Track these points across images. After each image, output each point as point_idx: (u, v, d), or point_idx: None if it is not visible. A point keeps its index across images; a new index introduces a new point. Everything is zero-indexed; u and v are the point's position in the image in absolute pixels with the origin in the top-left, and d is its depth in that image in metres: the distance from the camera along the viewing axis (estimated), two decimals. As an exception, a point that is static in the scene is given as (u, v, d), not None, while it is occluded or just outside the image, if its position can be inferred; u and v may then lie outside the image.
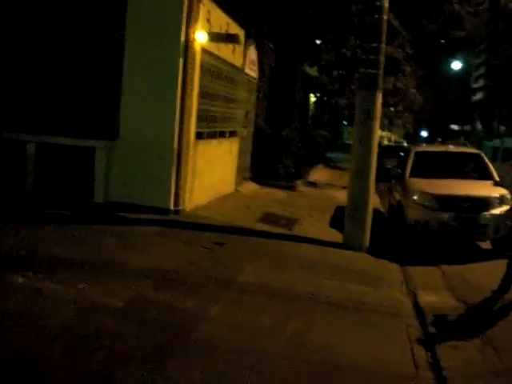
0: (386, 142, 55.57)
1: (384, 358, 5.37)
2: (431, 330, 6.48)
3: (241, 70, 14.14)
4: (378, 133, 10.65)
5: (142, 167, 10.14)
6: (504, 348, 6.01)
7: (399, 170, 12.84)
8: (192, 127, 10.49)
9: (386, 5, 10.01)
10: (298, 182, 18.22)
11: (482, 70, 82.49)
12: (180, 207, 10.31)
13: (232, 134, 13.83)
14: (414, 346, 5.80)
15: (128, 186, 10.19)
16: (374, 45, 9.94)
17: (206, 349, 4.99)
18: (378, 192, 16.40)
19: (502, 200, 10.76)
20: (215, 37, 10.88)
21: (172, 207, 10.19)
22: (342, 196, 14.78)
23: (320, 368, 4.96)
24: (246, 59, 14.54)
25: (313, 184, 19.93)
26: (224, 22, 11.91)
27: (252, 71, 15.53)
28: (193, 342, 5.08)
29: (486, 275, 8.72)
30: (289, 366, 4.88)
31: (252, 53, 15.36)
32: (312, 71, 25.96)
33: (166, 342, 4.98)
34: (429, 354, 5.70)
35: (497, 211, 10.62)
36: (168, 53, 9.91)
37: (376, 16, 9.93)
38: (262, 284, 7.22)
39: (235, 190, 14.46)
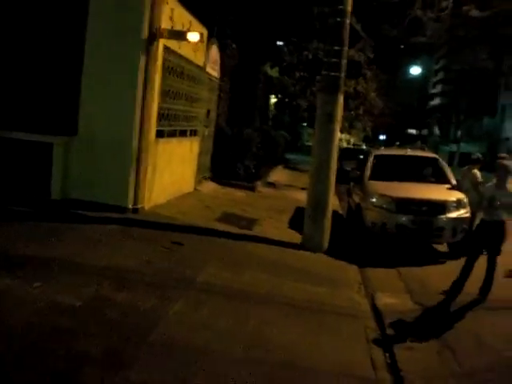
0: (345, 145, 56.09)
1: (343, 359, 5.40)
2: (389, 331, 6.54)
3: (202, 69, 14.06)
4: (338, 135, 10.71)
5: (101, 164, 9.96)
6: (461, 350, 6.12)
7: (358, 173, 12.94)
8: (152, 125, 10.37)
9: (349, 8, 10.07)
10: (258, 183, 18.21)
11: (440, 76, 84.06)
12: (139, 205, 10.18)
13: (193, 133, 13.74)
14: (372, 347, 5.85)
15: (86, 183, 10.00)
16: (337, 48, 9.99)
17: (165, 349, 4.93)
18: (338, 194, 16.52)
19: (458, 204, 10.92)
20: (178, 35, 10.78)
21: (131, 205, 10.04)
22: (301, 197, 14.81)
23: (279, 370, 4.95)
24: (208, 58, 14.46)
25: (272, 185, 19.95)
26: (187, 21, 11.82)
27: (214, 71, 15.46)
28: (151, 343, 5.01)
29: (442, 278, 8.82)
30: (247, 368, 4.86)
31: (214, 52, 15.29)
32: (273, 72, 26.00)
33: (124, 342, 4.90)
34: (387, 355, 5.76)
35: (454, 215, 10.79)
36: (129, 50, 9.76)
37: (338, 19, 9.98)
38: (222, 284, 7.18)
39: (195, 189, 14.37)
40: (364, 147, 42.43)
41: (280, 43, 23.58)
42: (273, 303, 6.79)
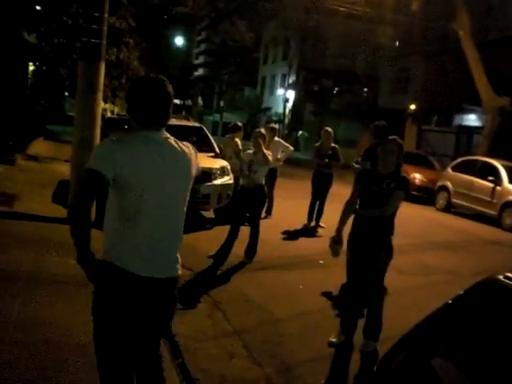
0: (109, 115, 55.02)
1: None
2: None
3: None
4: (101, 105, 10.47)
5: None
6: (230, 310, 6.41)
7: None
8: None
9: (110, -26, 9.81)
10: (18, 156, 17.15)
11: (203, 47, 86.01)
12: None
13: None
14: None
15: None
16: (97, 14, 9.68)
17: None
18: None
19: (222, 171, 11.34)
20: None
21: None
22: (65, 169, 14.26)
23: (44, 348, 4.74)
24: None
25: (34, 158, 18.94)
26: None
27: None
28: None
29: (210, 243, 9.13)
30: (17, 348, 4.60)
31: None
32: (31, 38, 24.45)
33: None
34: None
35: (218, 182, 11.19)
36: None
37: (99, -16, 9.68)
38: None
39: None
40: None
41: (39, 8, 22.17)
42: (38, 280, 6.48)
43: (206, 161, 11.63)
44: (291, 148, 12.90)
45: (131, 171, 2.95)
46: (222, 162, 11.58)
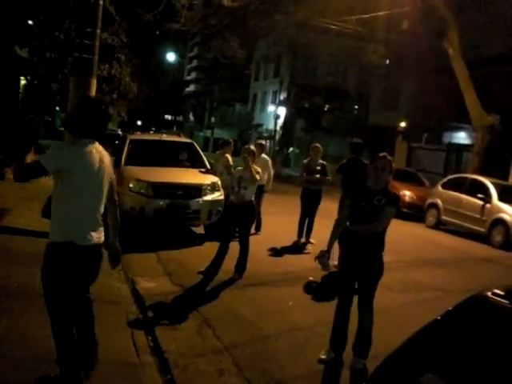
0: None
1: (106, 346, 5.28)
2: (150, 314, 6.59)
3: None
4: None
5: None
6: (220, 326, 6.39)
7: (114, 158, 12.78)
8: None
9: (102, -11, 9.87)
10: (7, 170, 17.07)
11: (194, 63, 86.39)
12: None
13: None
14: (135, 332, 5.83)
15: None
16: (90, 30, 9.74)
17: None
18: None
19: (213, 187, 11.34)
20: None
21: None
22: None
23: (29, 364, 4.71)
24: None
25: (24, 172, 18.84)
26: None
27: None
28: None
29: (200, 258, 9.11)
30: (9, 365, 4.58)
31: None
32: (22, 52, 24.45)
33: None
34: (149, 338, 5.79)
35: (209, 198, 11.18)
36: None
37: (92, 0, 9.73)
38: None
39: None
40: (119, 132, 42.02)
41: (31, 22, 22.21)
42: (26, 295, 6.44)
43: (196, 177, 11.65)
44: (271, 173, 12.86)
45: (74, 165, 4.19)
46: (213, 178, 11.59)
